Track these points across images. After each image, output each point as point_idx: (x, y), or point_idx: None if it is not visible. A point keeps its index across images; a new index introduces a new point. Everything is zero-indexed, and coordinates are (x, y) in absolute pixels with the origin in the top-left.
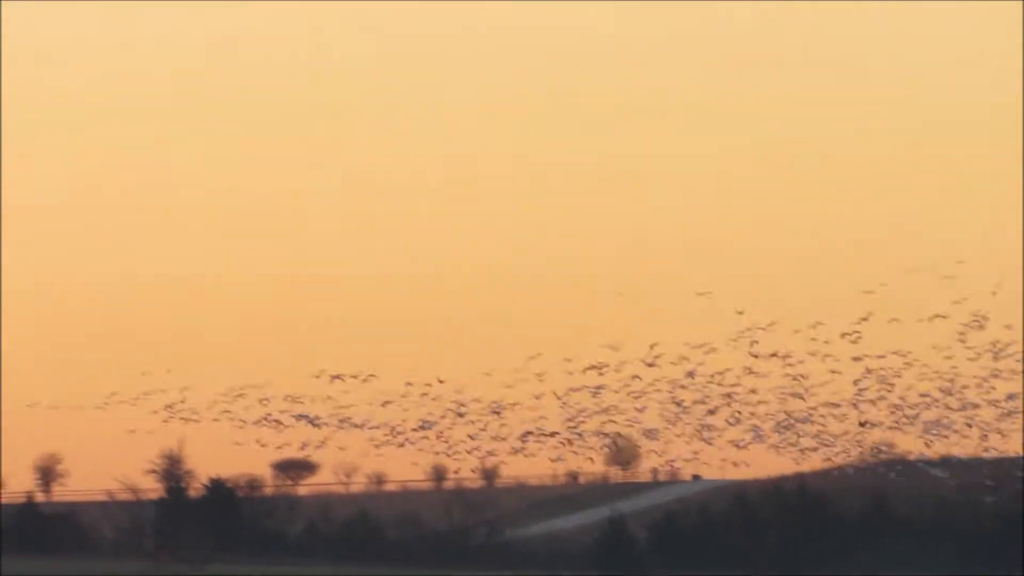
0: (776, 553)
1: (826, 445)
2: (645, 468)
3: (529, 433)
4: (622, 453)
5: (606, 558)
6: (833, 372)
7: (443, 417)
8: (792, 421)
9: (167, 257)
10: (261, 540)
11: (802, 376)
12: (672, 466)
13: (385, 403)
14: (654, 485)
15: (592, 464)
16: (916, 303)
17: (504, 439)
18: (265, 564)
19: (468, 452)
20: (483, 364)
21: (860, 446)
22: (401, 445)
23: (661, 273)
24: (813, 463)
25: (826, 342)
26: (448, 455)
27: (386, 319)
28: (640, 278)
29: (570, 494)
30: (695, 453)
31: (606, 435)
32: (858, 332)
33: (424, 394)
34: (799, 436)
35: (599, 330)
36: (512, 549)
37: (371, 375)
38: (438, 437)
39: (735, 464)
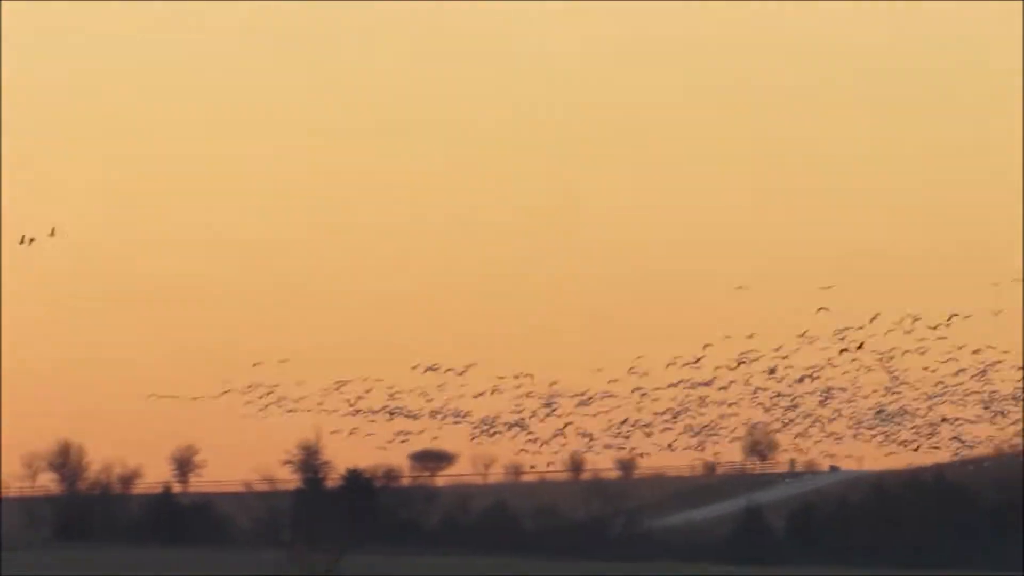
0: (914, 544)
1: (961, 440)
2: (782, 459)
3: (625, 423)
4: (759, 443)
5: (743, 549)
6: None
7: (533, 414)
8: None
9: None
10: (398, 531)
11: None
12: (809, 457)
13: (478, 395)
14: (791, 475)
15: (730, 455)
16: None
17: (590, 435)
18: (401, 555)
19: (560, 445)
20: (587, 361)
21: (999, 438)
22: (492, 435)
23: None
24: (944, 455)
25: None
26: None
27: (490, 314)
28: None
29: (708, 484)
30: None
31: (745, 426)
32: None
33: (519, 387)
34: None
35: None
36: (649, 540)
37: (469, 366)
38: (525, 431)
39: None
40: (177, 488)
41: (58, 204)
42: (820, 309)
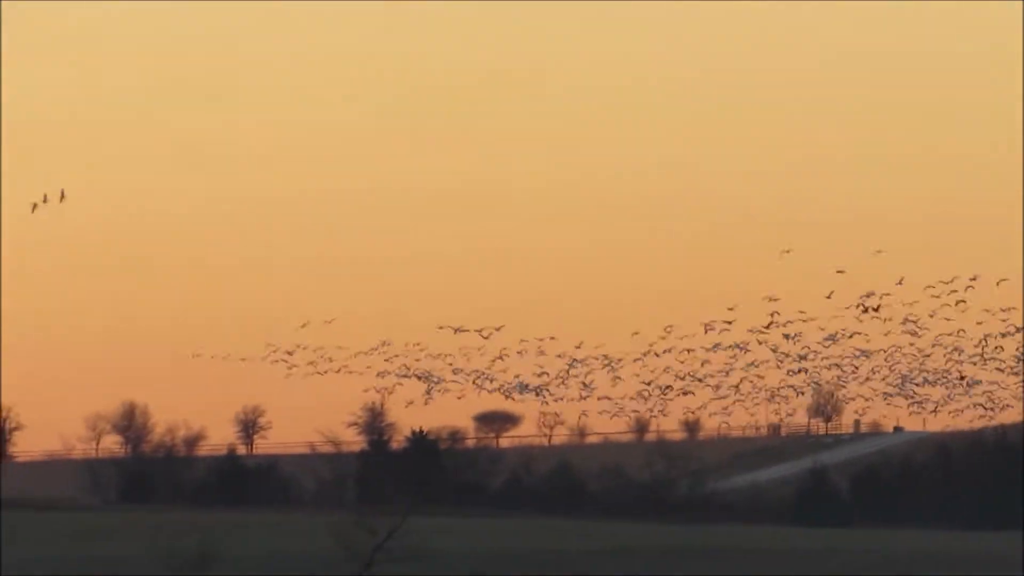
0: (979, 504)
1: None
2: (847, 420)
3: (668, 387)
4: (825, 404)
5: (808, 510)
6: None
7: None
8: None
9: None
10: (462, 492)
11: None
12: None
13: (497, 358)
14: (856, 437)
15: (795, 416)
16: None
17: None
18: (466, 516)
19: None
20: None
21: None
22: (508, 397)
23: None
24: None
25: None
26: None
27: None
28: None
29: (772, 446)
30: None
31: (810, 385)
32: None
33: (541, 351)
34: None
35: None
36: (714, 501)
37: (496, 328)
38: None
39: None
40: (242, 450)
41: (109, 172)
42: (839, 271)
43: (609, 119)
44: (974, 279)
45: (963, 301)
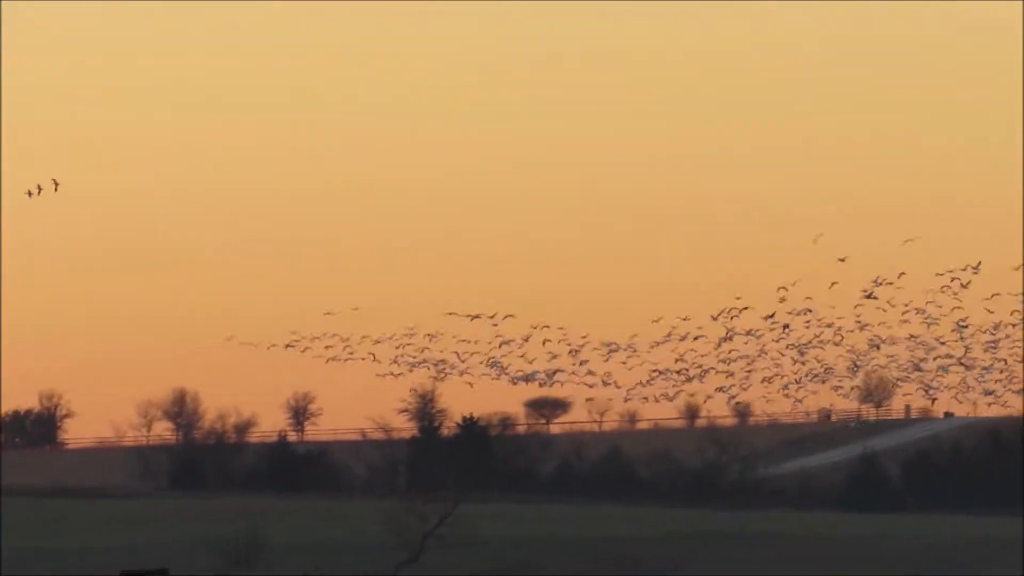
0: None
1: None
2: (897, 405)
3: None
4: (875, 390)
5: (859, 495)
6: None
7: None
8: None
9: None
10: (514, 478)
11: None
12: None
13: (503, 343)
14: (907, 422)
15: (845, 401)
16: None
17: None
18: (518, 502)
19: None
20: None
21: None
22: (514, 383)
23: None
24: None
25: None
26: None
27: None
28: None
29: (822, 431)
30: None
31: (861, 371)
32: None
33: (547, 340)
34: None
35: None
36: (764, 487)
37: (508, 315)
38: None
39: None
40: (292, 437)
41: (134, 162)
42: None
43: (609, 119)
44: (977, 266)
45: (964, 286)
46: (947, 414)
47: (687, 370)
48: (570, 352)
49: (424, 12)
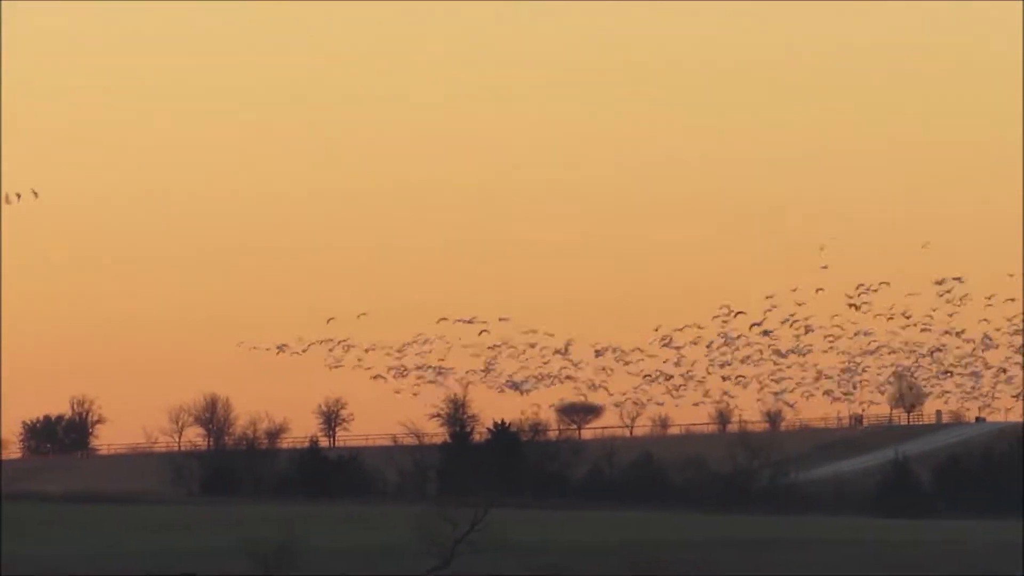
0: None
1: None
2: (929, 410)
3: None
4: (907, 395)
5: (890, 500)
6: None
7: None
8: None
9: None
10: (545, 484)
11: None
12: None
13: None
14: (938, 427)
15: (877, 406)
16: None
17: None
18: (549, 508)
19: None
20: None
21: None
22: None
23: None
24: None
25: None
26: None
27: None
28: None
29: (854, 436)
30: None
31: (893, 375)
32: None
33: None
34: None
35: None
36: (796, 492)
37: (502, 319)
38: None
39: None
40: (324, 442)
41: (142, 165)
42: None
43: (609, 118)
44: (957, 280)
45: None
46: (979, 419)
47: (669, 376)
48: (555, 354)
49: (424, 13)
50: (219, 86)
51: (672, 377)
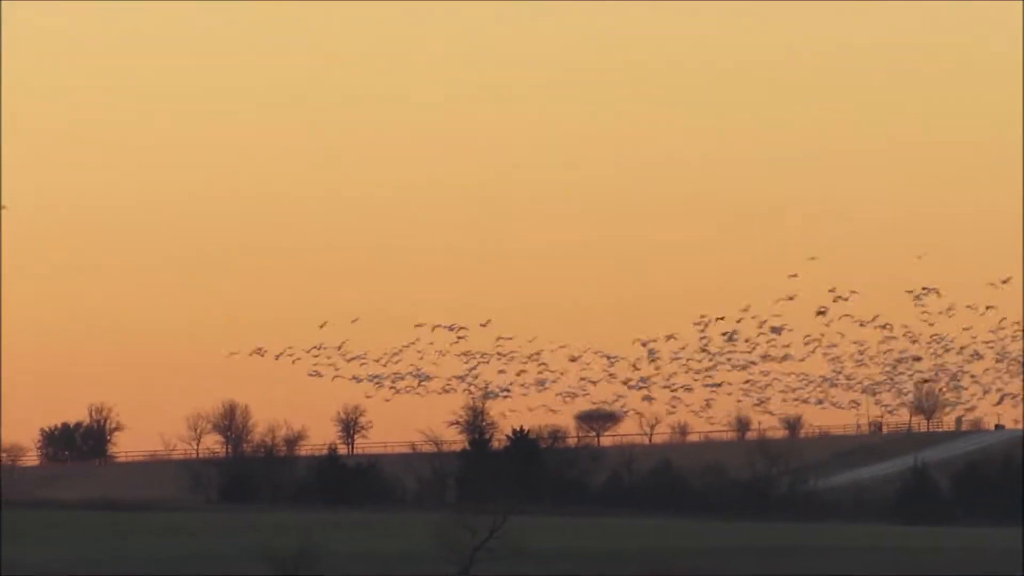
0: None
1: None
2: (949, 417)
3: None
4: (927, 402)
5: (910, 508)
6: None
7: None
8: None
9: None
10: (564, 491)
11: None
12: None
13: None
14: (957, 435)
15: (896, 414)
16: None
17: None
18: (568, 515)
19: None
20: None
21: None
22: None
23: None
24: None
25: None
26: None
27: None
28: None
29: (874, 443)
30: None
31: (918, 383)
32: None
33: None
34: None
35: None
36: (815, 499)
37: (484, 323)
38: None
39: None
40: (342, 450)
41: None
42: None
43: (609, 118)
44: (930, 290)
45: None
46: (998, 426)
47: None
48: (527, 360)
49: (424, 13)
50: (219, 86)
51: (688, 387)
